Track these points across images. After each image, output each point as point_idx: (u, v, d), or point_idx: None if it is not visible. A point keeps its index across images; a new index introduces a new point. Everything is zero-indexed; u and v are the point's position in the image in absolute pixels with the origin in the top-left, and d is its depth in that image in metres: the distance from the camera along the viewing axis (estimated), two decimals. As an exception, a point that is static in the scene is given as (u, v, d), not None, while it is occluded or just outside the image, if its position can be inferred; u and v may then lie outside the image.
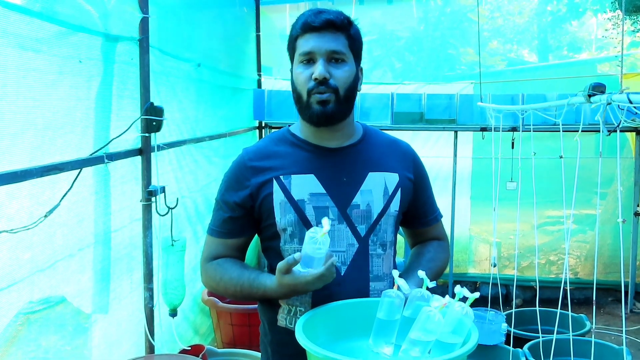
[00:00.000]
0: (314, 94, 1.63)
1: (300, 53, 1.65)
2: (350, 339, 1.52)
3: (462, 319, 1.40)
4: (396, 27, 6.47)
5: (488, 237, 5.98)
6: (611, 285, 5.66)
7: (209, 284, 1.80)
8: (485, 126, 5.18)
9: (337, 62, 1.65)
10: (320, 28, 1.63)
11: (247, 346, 3.86)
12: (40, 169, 2.14)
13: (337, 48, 1.64)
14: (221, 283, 1.73)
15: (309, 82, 1.63)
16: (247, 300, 1.70)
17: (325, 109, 1.63)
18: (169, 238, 3.09)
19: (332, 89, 1.63)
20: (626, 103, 2.15)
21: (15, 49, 2.05)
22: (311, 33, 1.64)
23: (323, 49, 1.63)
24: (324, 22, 1.64)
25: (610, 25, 7.03)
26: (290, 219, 1.67)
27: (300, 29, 1.66)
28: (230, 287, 1.70)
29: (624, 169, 5.59)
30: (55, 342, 2.38)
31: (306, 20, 1.65)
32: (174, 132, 3.54)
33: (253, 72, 5.72)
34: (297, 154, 1.73)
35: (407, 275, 1.67)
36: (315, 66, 1.63)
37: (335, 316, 1.56)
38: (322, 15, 1.65)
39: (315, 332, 1.42)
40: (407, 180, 1.79)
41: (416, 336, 1.39)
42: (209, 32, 4.44)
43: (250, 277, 1.65)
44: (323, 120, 1.66)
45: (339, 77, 1.64)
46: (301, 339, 1.37)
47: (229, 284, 1.70)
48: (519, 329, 4.17)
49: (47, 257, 2.30)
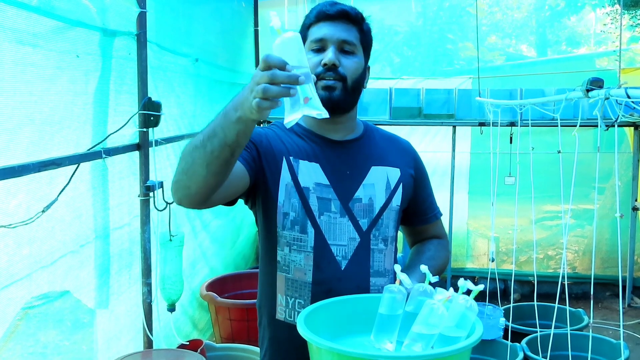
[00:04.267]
0: (321, 79, 1.63)
1: (312, 40, 1.67)
2: (352, 334, 1.51)
3: (466, 313, 1.38)
4: (394, 22, 6.45)
5: (486, 231, 5.98)
6: (609, 280, 5.67)
7: (180, 159, 1.48)
8: (484, 121, 5.18)
9: (347, 53, 1.66)
10: (334, 17, 1.66)
11: (245, 341, 3.86)
12: (38, 164, 2.14)
13: (348, 38, 1.66)
14: (190, 142, 1.44)
15: (317, 67, 1.63)
16: (205, 155, 1.38)
17: (331, 95, 1.63)
18: (167, 233, 3.09)
19: (340, 76, 1.64)
20: (624, 98, 2.15)
21: (12, 43, 2.04)
22: (325, 22, 1.66)
23: (335, 37, 1.65)
24: (339, 12, 1.66)
25: (609, 20, 7.03)
26: (295, 204, 1.66)
27: (315, 17, 1.68)
28: (191, 144, 1.43)
29: (622, 164, 5.59)
30: (54, 337, 2.38)
31: (321, 9, 1.67)
32: (171, 127, 3.53)
33: (251, 67, 5.70)
34: (302, 142, 1.72)
35: (408, 272, 1.65)
36: (325, 53, 1.64)
37: (336, 312, 1.54)
38: (337, 5, 1.67)
39: (316, 327, 1.40)
40: (409, 176, 1.80)
41: (419, 330, 1.37)
42: (207, 27, 4.43)
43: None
44: (328, 107, 1.65)
45: (348, 67, 1.65)
46: (303, 332, 1.35)
47: (191, 141, 1.44)
48: (517, 323, 4.17)
49: (45, 252, 2.30)
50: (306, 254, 1.66)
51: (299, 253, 1.67)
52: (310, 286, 1.66)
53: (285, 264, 1.68)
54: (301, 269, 1.66)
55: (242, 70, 5.36)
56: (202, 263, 4.35)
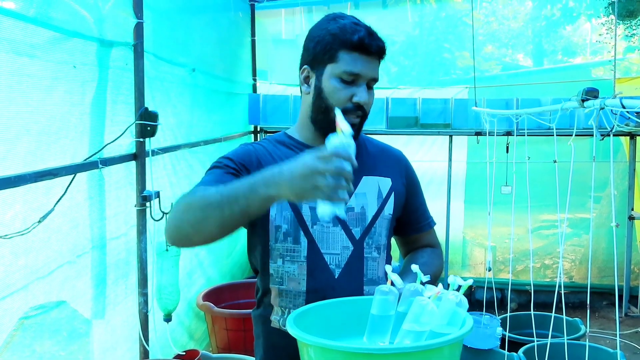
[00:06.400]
0: (349, 116, 1.59)
1: (346, 71, 1.60)
2: (345, 336, 1.50)
3: (457, 310, 1.38)
4: (391, 32, 6.47)
5: (483, 241, 5.99)
6: (606, 289, 5.67)
7: (177, 216, 1.44)
8: (480, 130, 5.19)
9: (370, 89, 1.65)
10: (372, 53, 1.62)
11: (242, 351, 3.86)
12: (34, 175, 2.14)
13: (377, 76, 1.65)
14: (203, 196, 1.40)
15: (347, 102, 1.61)
16: (221, 218, 1.36)
17: (354, 132, 1.63)
18: (163, 243, 3.09)
19: (364, 113, 1.64)
20: (619, 108, 2.16)
21: (9, 54, 2.05)
22: (361, 54, 1.60)
23: (369, 75, 1.62)
24: (379, 48, 1.62)
25: (604, 30, 7.06)
26: (287, 216, 1.66)
27: (350, 45, 1.59)
28: (203, 199, 1.39)
29: (619, 173, 5.60)
30: (50, 347, 2.37)
31: (363, 39, 1.59)
32: (168, 137, 3.54)
33: (248, 76, 5.72)
34: (294, 155, 1.72)
35: (401, 277, 1.66)
36: (356, 89, 1.61)
37: (329, 314, 1.53)
38: (377, 40, 1.62)
39: (307, 329, 1.39)
40: (400, 185, 1.80)
41: (410, 327, 1.36)
42: (204, 37, 4.44)
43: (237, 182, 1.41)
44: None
45: (369, 104, 1.65)
46: (292, 330, 1.34)
47: (204, 195, 1.40)
48: (514, 333, 4.17)
49: (42, 262, 2.30)
50: (299, 263, 1.67)
51: (292, 263, 1.67)
52: (304, 295, 1.66)
53: (278, 276, 1.69)
54: (295, 279, 1.67)
55: (239, 80, 5.37)
56: (198, 273, 4.35)
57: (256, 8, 5.76)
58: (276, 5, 6.05)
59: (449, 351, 1.29)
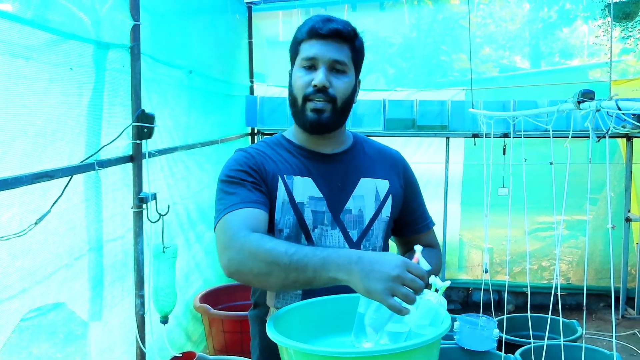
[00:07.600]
0: (310, 101, 1.64)
1: (303, 57, 1.66)
2: (332, 335, 1.50)
3: (438, 309, 1.38)
4: (389, 34, 6.48)
5: (480, 242, 5.99)
6: (602, 291, 5.68)
7: (251, 252, 1.43)
8: (477, 132, 5.20)
9: (338, 73, 1.66)
10: (326, 36, 1.64)
11: (239, 353, 3.86)
12: (30, 176, 2.13)
13: (340, 58, 1.65)
14: (271, 251, 1.41)
15: (308, 87, 1.64)
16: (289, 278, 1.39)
17: (320, 118, 1.64)
18: (160, 245, 3.09)
19: (329, 97, 1.64)
20: (615, 110, 2.17)
21: (5, 56, 2.04)
22: (317, 39, 1.64)
23: (326, 57, 1.64)
24: (331, 31, 1.64)
25: (601, 32, 7.07)
26: (289, 220, 1.66)
27: (306, 34, 1.66)
28: (271, 255, 1.40)
29: (615, 175, 5.61)
30: (47, 349, 2.37)
31: (313, 26, 1.65)
32: (165, 139, 3.53)
33: (245, 78, 5.72)
34: (292, 159, 1.73)
35: None
36: (316, 73, 1.64)
37: (315, 313, 1.53)
38: (330, 23, 1.65)
39: (291, 328, 1.39)
40: (398, 187, 1.81)
41: (391, 328, 1.36)
42: (201, 39, 4.45)
43: (315, 248, 1.43)
44: (316, 129, 1.67)
45: (339, 88, 1.65)
46: (271, 333, 1.34)
47: (272, 250, 1.41)
48: (511, 334, 4.17)
49: (39, 264, 2.30)
50: None
51: None
52: (300, 297, 1.66)
53: None
54: None
55: (236, 81, 5.37)
56: (195, 275, 4.35)
57: (253, 10, 5.76)
58: (273, 8, 6.05)
59: (424, 353, 1.29)
